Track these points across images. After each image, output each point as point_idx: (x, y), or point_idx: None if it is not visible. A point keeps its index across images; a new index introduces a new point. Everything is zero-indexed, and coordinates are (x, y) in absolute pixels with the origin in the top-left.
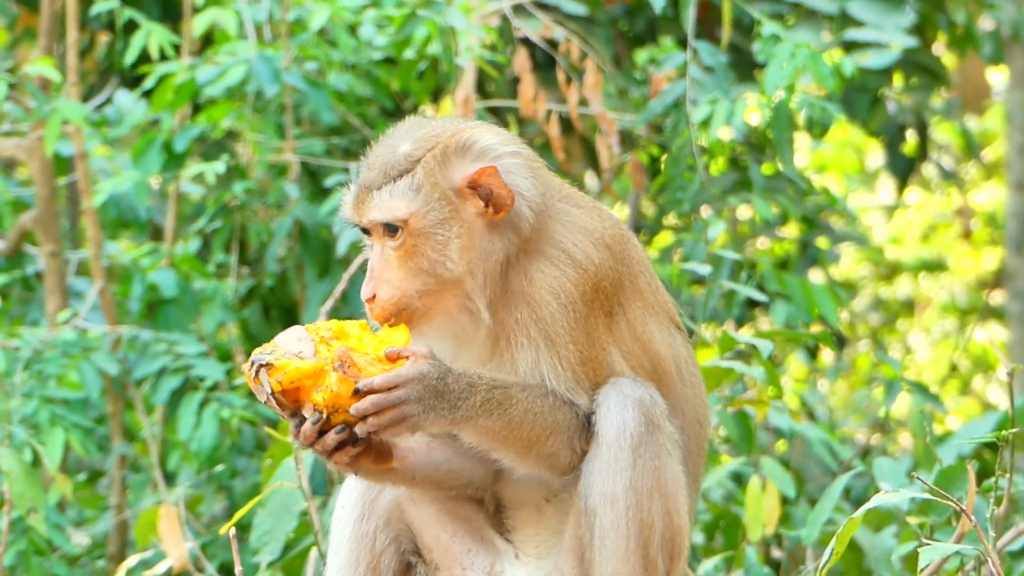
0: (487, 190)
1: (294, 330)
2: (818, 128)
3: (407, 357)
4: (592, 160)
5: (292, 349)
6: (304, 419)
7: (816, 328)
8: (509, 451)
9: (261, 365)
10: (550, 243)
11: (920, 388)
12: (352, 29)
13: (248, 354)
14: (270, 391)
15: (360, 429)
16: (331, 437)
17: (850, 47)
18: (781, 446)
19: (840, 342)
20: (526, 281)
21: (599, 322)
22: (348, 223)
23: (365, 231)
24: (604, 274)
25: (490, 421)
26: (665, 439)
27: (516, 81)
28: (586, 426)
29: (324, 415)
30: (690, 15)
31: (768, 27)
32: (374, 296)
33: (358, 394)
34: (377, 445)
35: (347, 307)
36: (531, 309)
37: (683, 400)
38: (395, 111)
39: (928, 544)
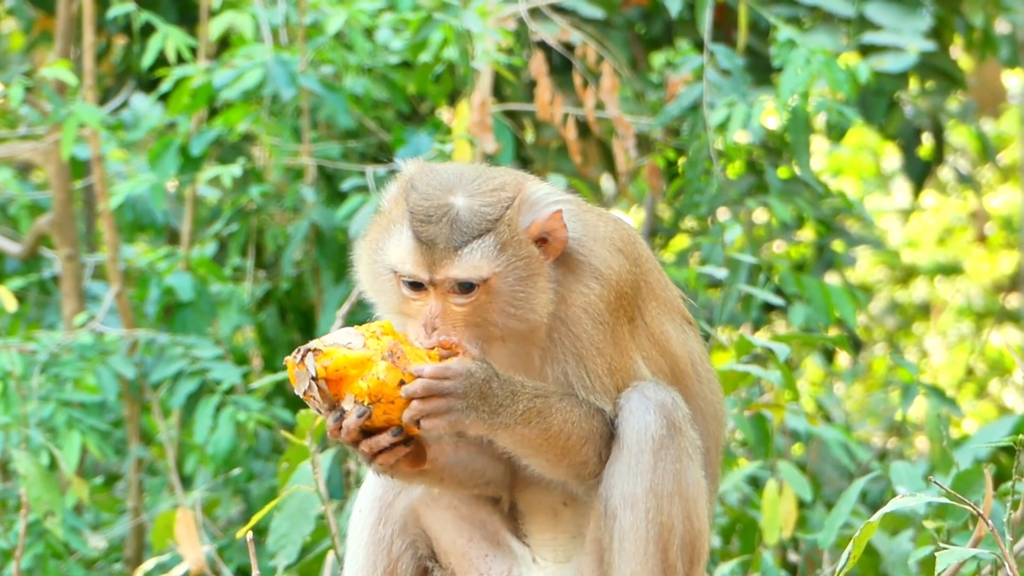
0: (547, 236)
1: (343, 329)
2: (835, 132)
3: (458, 352)
4: (609, 164)
5: (340, 341)
6: (343, 412)
7: (833, 331)
8: (542, 459)
9: (308, 350)
10: (575, 259)
11: (936, 392)
12: (368, 33)
13: (264, 358)
14: (314, 375)
15: (406, 415)
16: (386, 438)
17: (867, 50)
18: (798, 450)
19: (856, 345)
20: (560, 302)
21: (624, 330)
22: (411, 281)
23: (415, 285)
24: (623, 279)
25: (528, 430)
26: (687, 443)
27: (533, 85)
28: (612, 432)
29: (366, 404)
30: (707, 18)
31: (784, 32)
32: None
33: (404, 385)
34: (414, 447)
35: (363, 311)
36: (566, 327)
37: (700, 398)
38: (411, 114)
39: (945, 548)
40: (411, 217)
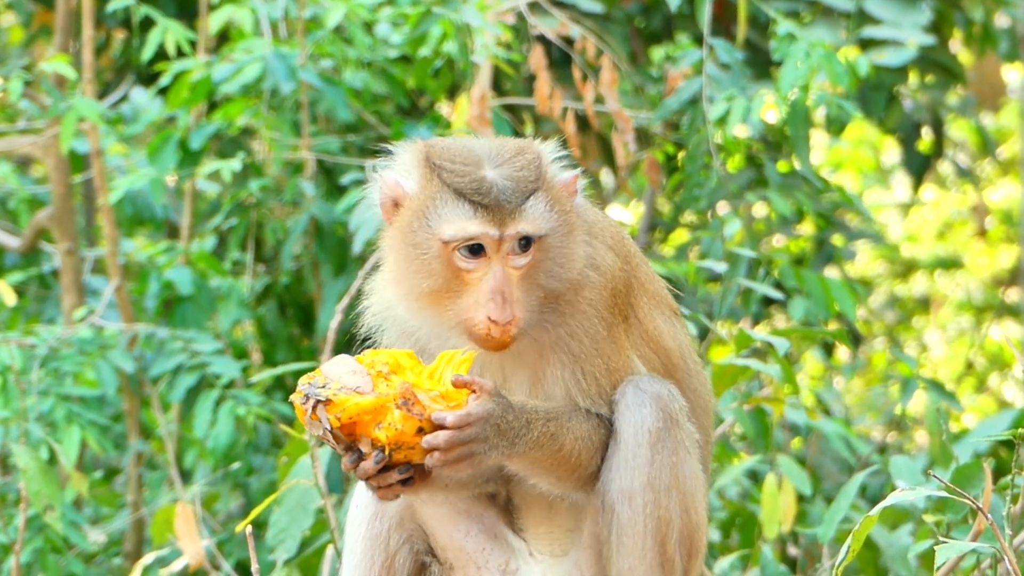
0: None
1: (344, 361)
2: (835, 126)
3: (474, 390)
4: (608, 158)
5: (348, 383)
6: (359, 452)
7: (833, 325)
8: (552, 477)
9: (319, 401)
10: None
11: (936, 386)
12: (368, 27)
13: (264, 352)
14: (328, 427)
15: (428, 462)
16: (394, 476)
17: (867, 44)
18: (797, 444)
19: (856, 339)
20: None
21: (620, 329)
22: (472, 242)
23: (475, 250)
24: (616, 276)
25: (541, 453)
26: (683, 435)
27: (532, 79)
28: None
29: (386, 452)
30: (706, 12)
31: (784, 25)
32: (512, 318)
33: (422, 432)
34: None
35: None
36: (561, 321)
37: (691, 391)
38: (411, 109)
39: (944, 542)
40: (456, 191)
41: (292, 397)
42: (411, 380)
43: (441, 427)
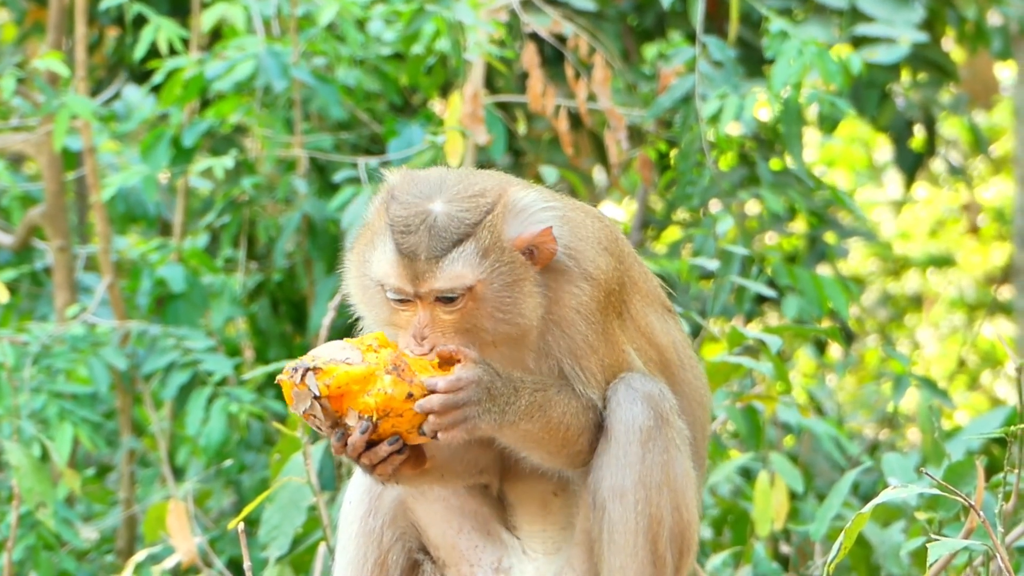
0: (535, 246)
1: (333, 343)
2: (827, 123)
3: (459, 360)
4: (601, 155)
5: (338, 356)
6: (345, 430)
7: (825, 323)
8: (543, 451)
9: (308, 369)
10: (564, 264)
11: (928, 383)
12: (361, 24)
13: (256, 349)
14: (317, 394)
15: (425, 428)
16: (384, 448)
17: (859, 42)
18: (789, 441)
19: (848, 337)
20: (552, 304)
21: (614, 325)
22: (397, 294)
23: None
24: (611, 278)
25: (531, 424)
26: (674, 433)
27: (525, 76)
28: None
29: (374, 419)
30: (699, 10)
31: (776, 23)
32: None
33: (411, 399)
34: (411, 450)
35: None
36: (560, 329)
37: (685, 384)
38: (403, 106)
39: (936, 540)
40: (391, 229)
41: (279, 377)
42: (401, 351)
43: (433, 393)
